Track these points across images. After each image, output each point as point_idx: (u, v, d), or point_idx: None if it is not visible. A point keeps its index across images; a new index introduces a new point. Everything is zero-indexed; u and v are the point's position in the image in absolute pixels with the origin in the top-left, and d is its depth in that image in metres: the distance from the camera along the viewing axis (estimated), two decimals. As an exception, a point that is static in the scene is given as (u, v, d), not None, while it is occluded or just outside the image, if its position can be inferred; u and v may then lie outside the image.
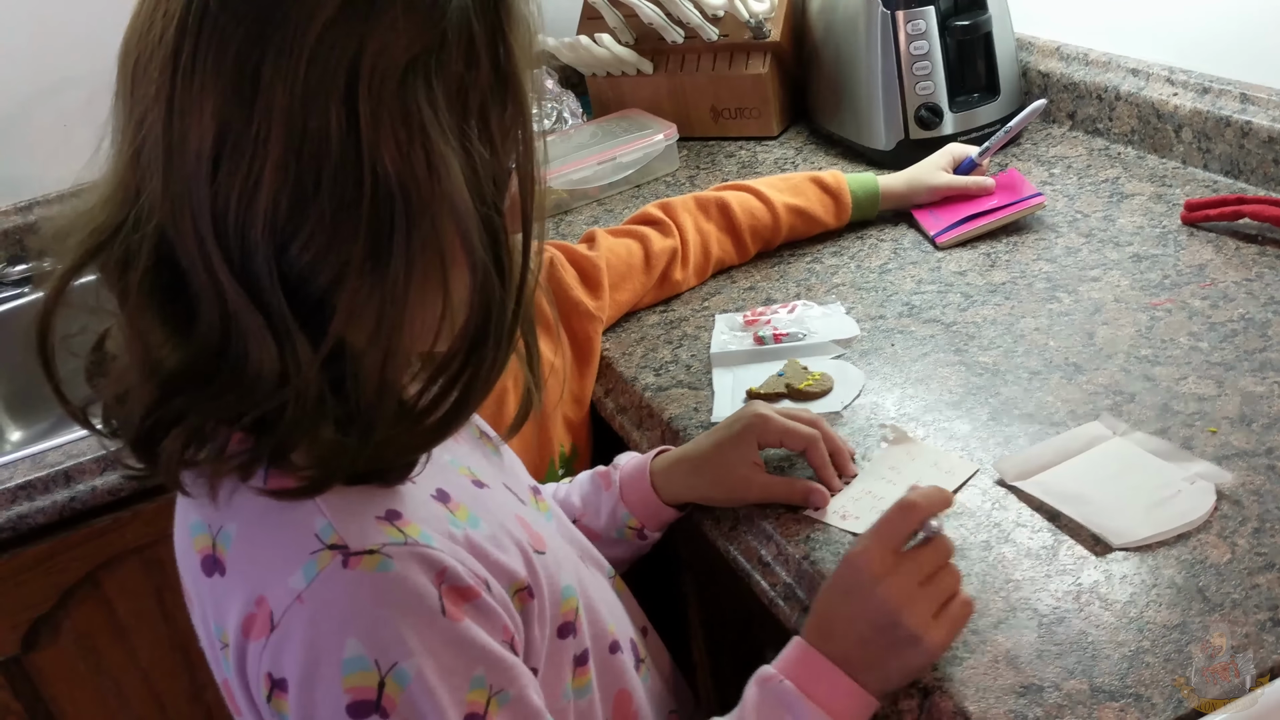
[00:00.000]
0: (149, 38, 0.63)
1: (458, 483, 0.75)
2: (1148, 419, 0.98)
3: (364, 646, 0.62)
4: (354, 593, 0.63)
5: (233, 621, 0.66)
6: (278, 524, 0.66)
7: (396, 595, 0.63)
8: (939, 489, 0.82)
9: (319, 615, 0.62)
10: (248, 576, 0.66)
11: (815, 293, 1.31)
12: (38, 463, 1.31)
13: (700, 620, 1.27)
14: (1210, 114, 1.35)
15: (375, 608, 0.62)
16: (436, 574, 0.64)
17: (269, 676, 0.64)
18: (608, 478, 1.03)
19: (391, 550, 0.64)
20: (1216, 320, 1.10)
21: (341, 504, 0.65)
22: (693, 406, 1.15)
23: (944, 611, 0.79)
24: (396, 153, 0.61)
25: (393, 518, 0.66)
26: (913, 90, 1.53)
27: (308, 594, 0.62)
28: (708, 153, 1.76)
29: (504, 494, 0.81)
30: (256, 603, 0.64)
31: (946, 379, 1.10)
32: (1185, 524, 0.86)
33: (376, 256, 0.62)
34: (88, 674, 1.39)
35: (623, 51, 1.77)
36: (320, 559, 0.63)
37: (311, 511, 0.65)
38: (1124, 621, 0.80)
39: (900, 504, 0.80)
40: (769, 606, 0.94)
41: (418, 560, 0.64)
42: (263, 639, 0.64)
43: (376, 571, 0.63)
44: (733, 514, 1.00)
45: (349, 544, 0.63)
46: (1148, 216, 1.31)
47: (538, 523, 0.81)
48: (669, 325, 1.31)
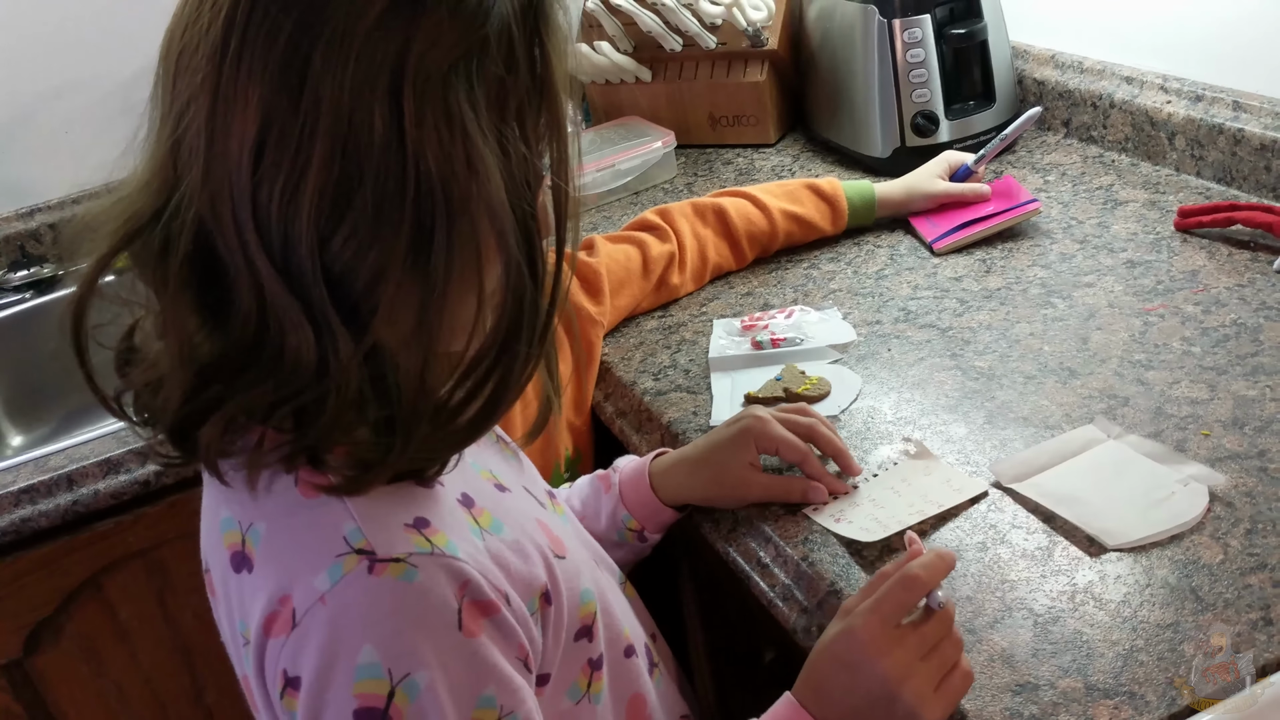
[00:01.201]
0: (195, 28, 0.63)
1: (481, 486, 0.76)
2: (1141, 422, 1.00)
3: (379, 654, 0.62)
4: (376, 599, 0.63)
5: (255, 618, 0.66)
6: (307, 524, 0.66)
7: (417, 606, 0.63)
8: (941, 556, 0.79)
9: (339, 618, 0.63)
10: (274, 575, 0.66)
11: (812, 298, 1.32)
12: (40, 466, 1.31)
13: (700, 624, 1.28)
14: (1203, 122, 1.36)
15: (395, 616, 0.63)
16: (460, 586, 0.65)
17: (284, 674, 0.64)
18: (607, 480, 1.04)
19: (417, 560, 0.64)
20: (1209, 325, 1.11)
21: (371, 508, 0.66)
22: (691, 410, 1.16)
23: (944, 684, 0.77)
24: (439, 150, 0.62)
25: (421, 525, 0.66)
26: (909, 98, 1.54)
27: (331, 596, 0.63)
28: (705, 160, 1.77)
29: (525, 497, 0.81)
30: (280, 601, 0.65)
31: (943, 383, 1.12)
32: (1179, 525, 0.87)
33: (418, 253, 0.63)
34: (89, 677, 1.39)
35: (621, 59, 1.78)
36: (346, 562, 0.64)
37: (341, 514, 0.65)
38: (1118, 621, 0.81)
39: (903, 578, 0.78)
40: (768, 608, 0.95)
41: (443, 571, 0.64)
42: (283, 636, 0.64)
43: (400, 580, 0.63)
44: (731, 516, 1.01)
45: (376, 550, 0.64)
46: (1141, 223, 1.32)
47: (557, 526, 0.81)
48: (667, 330, 1.32)
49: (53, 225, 1.81)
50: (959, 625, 0.83)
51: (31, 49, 1.75)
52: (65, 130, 1.77)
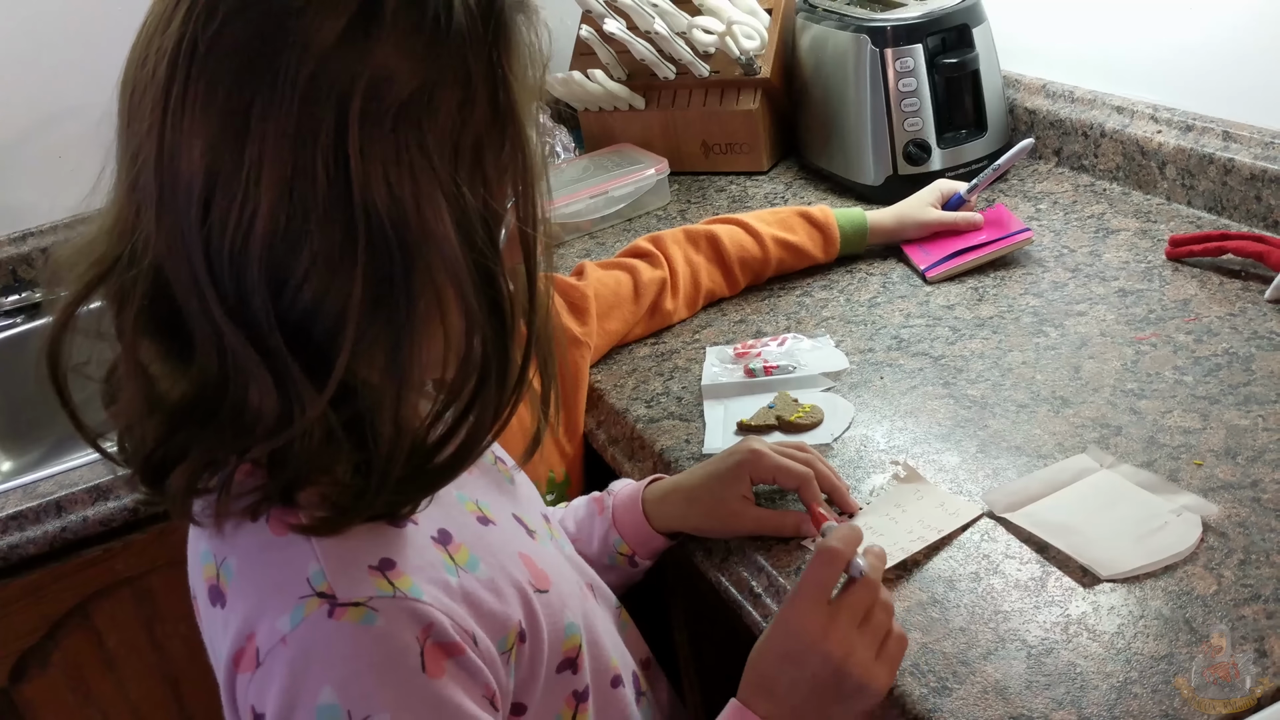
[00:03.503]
0: (143, 71, 0.63)
1: (463, 520, 0.75)
2: (1134, 451, 1.00)
3: (338, 696, 0.62)
4: (335, 643, 0.63)
5: (226, 653, 0.66)
6: (274, 562, 0.66)
7: (377, 650, 0.63)
8: (851, 526, 0.82)
9: (299, 660, 0.63)
10: (242, 611, 0.66)
11: (805, 326, 1.32)
12: (29, 493, 1.31)
13: (690, 650, 1.27)
14: (1193, 151, 1.37)
15: (354, 660, 0.63)
16: (422, 629, 0.65)
17: (252, 709, 0.65)
18: (601, 503, 1.04)
19: (378, 604, 0.64)
20: (1201, 354, 1.11)
21: (337, 549, 0.66)
22: (684, 438, 1.16)
23: (883, 651, 0.79)
24: (388, 194, 0.61)
25: (385, 567, 0.66)
26: (901, 126, 1.55)
27: (292, 638, 0.63)
28: (698, 187, 1.78)
29: (512, 528, 0.81)
30: (247, 638, 0.65)
31: (935, 411, 1.11)
32: (1172, 555, 0.87)
33: (378, 297, 0.62)
34: (76, 706, 1.38)
35: (615, 87, 1.79)
36: (308, 605, 0.64)
37: (306, 554, 0.65)
38: (1112, 653, 0.80)
39: (821, 552, 0.79)
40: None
41: (404, 614, 0.64)
42: (249, 673, 0.65)
43: (360, 624, 0.63)
44: (724, 545, 1.01)
45: (337, 594, 0.64)
46: (1133, 252, 1.33)
47: (543, 557, 0.81)
48: (660, 358, 1.32)
49: (45, 250, 1.81)
50: (952, 656, 0.83)
51: (26, 74, 1.75)
52: (58, 155, 1.77)
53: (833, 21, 1.61)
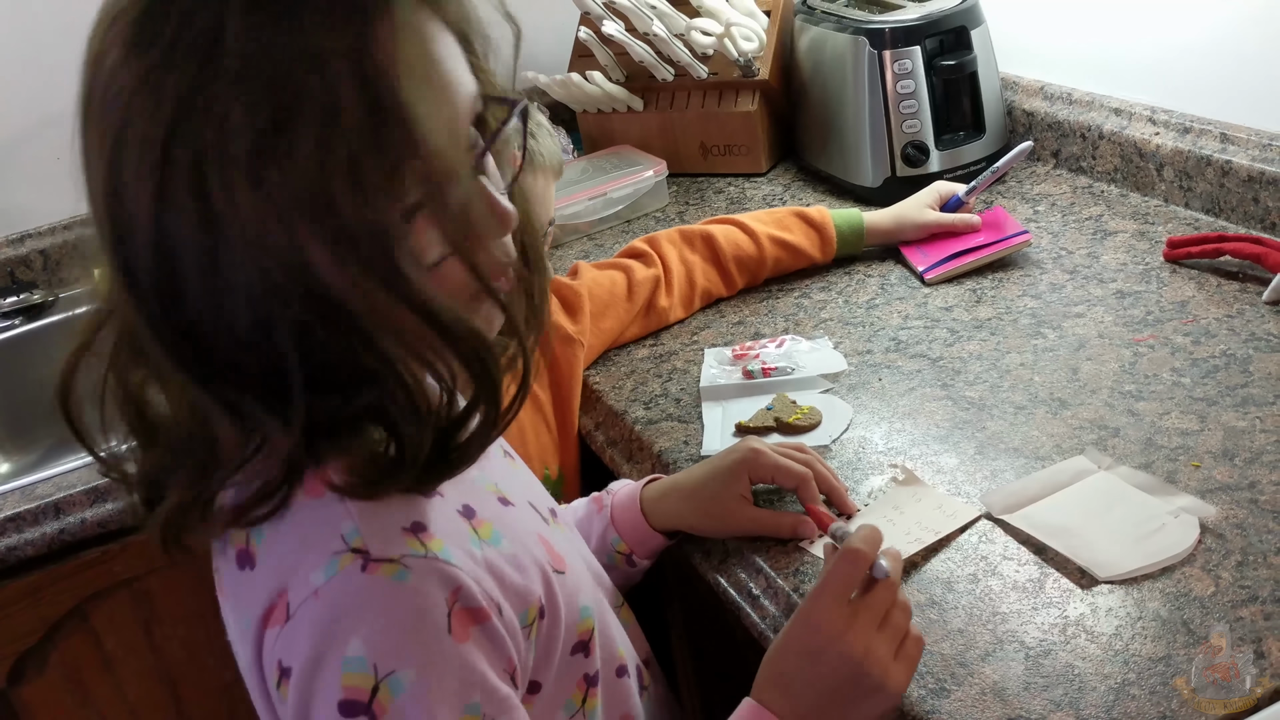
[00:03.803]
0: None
1: (484, 499, 0.76)
2: (1132, 453, 1.00)
3: (366, 648, 0.63)
4: (367, 597, 0.64)
5: (255, 613, 0.67)
6: (308, 521, 0.67)
7: (407, 606, 0.64)
8: (872, 527, 0.81)
9: (331, 612, 0.64)
10: (274, 570, 0.67)
11: (803, 328, 1.32)
12: (27, 494, 1.31)
13: (689, 651, 1.27)
14: (1191, 153, 1.37)
15: (384, 615, 0.64)
16: (451, 591, 0.65)
17: (279, 664, 0.65)
18: (600, 502, 1.04)
19: (410, 562, 0.65)
20: (1199, 356, 1.11)
21: (370, 511, 0.67)
22: (682, 440, 1.16)
23: (901, 651, 0.78)
24: (259, 245, 0.59)
25: (417, 530, 0.67)
26: (899, 128, 1.55)
27: (324, 590, 0.64)
28: (697, 189, 1.78)
29: (528, 512, 0.82)
30: (278, 594, 0.66)
31: (933, 413, 1.12)
32: (1170, 557, 0.87)
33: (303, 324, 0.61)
34: (74, 708, 1.38)
35: (613, 89, 1.79)
36: (342, 560, 0.65)
37: (340, 513, 0.66)
38: (1110, 654, 0.80)
39: (846, 552, 0.79)
40: (759, 639, 0.94)
41: (435, 575, 0.65)
42: (278, 628, 0.65)
43: (393, 580, 0.64)
44: (722, 546, 1.01)
45: (370, 550, 0.65)
46: (1131, 254, 1.33)
47: (559, 543, 0.81)
48: (658, 359, 1.32)
49: (43, 251, 1.81)
50: (950, 658, 0.83)
51: (24, 76, 1.75)
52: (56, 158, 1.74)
53: (831, 23, 1.61)
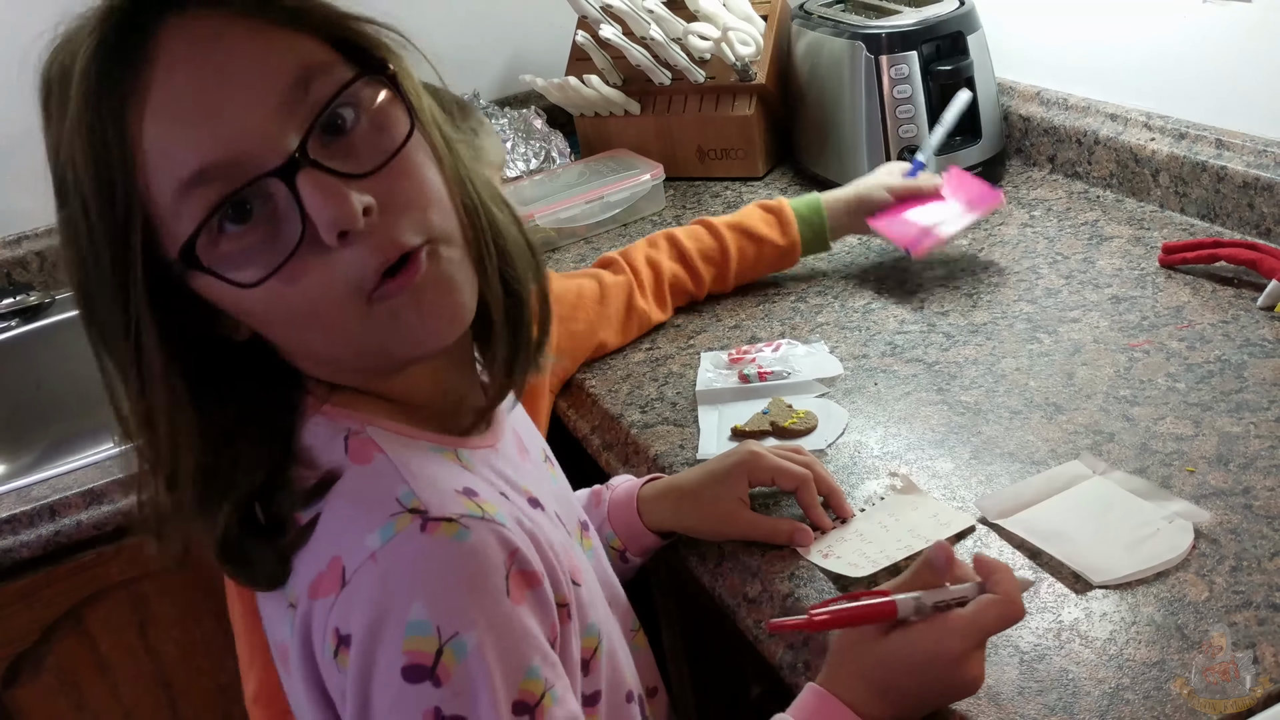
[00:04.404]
0: None
1: (517, 497, 0.76)
2: (1127, 458, 1.00)
3: (429, 611, 0.62)
4: (428, 556, 0.63)
5: (303, 582, 0.66)
6: (359, 489, 0.67)
7: (469, 566, 0.64)
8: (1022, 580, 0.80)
9: (389, 575, 0.63)
10: (324, 539, 0.66)
11: (799, 332, 1.32)
12: (23, 496, 1.30)
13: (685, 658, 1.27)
14: (1187, 159, 1.37)
15: (446, 575, 0.63)
16: (509, 553, 0.65)
17: (336, 632, 0.64)
18: (599, 496, 1.04)
19: (469, 522, 0.65)
20: (1194, 361, 1.12)
21: (423, 474, 0.67)
22: (679, 443, 1.16)
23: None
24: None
25: (470, 494, 0.67)
26: (895, 133, 1.55)
27: (381, 553, 0.63)
28: (694, 193, 1.78)
29: (556, 523, 0.81)
30: (330, 562, 0.65)
31: (929, 418, 1.12)
32: (1164, 562, 0.87)
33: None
34: (69, 710, 1.38)
35: (610, 93, 1.79)
36: (399, 521, 0.64)
37: (394, 479, 0.66)
38: (1104, 659, 0.81)
39: (1010, 611, 0.77)
40: (755, 644, 0.95)
41: (494, 535, 0.65)
42: (332, 595, 0.64)
43: (454, 539, 0.64)
44: (718, 550, 1.01)
45: (429, 509, 0.64)
46: (1126, 259, 1.33)
47: (578, 556, 0.81)
48: (654, 363, 1.32)
49: (39, 253, 1.81)
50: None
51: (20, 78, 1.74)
52: (53, 160, 1.77)
53: (828, 28, 1.62)
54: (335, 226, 0.62)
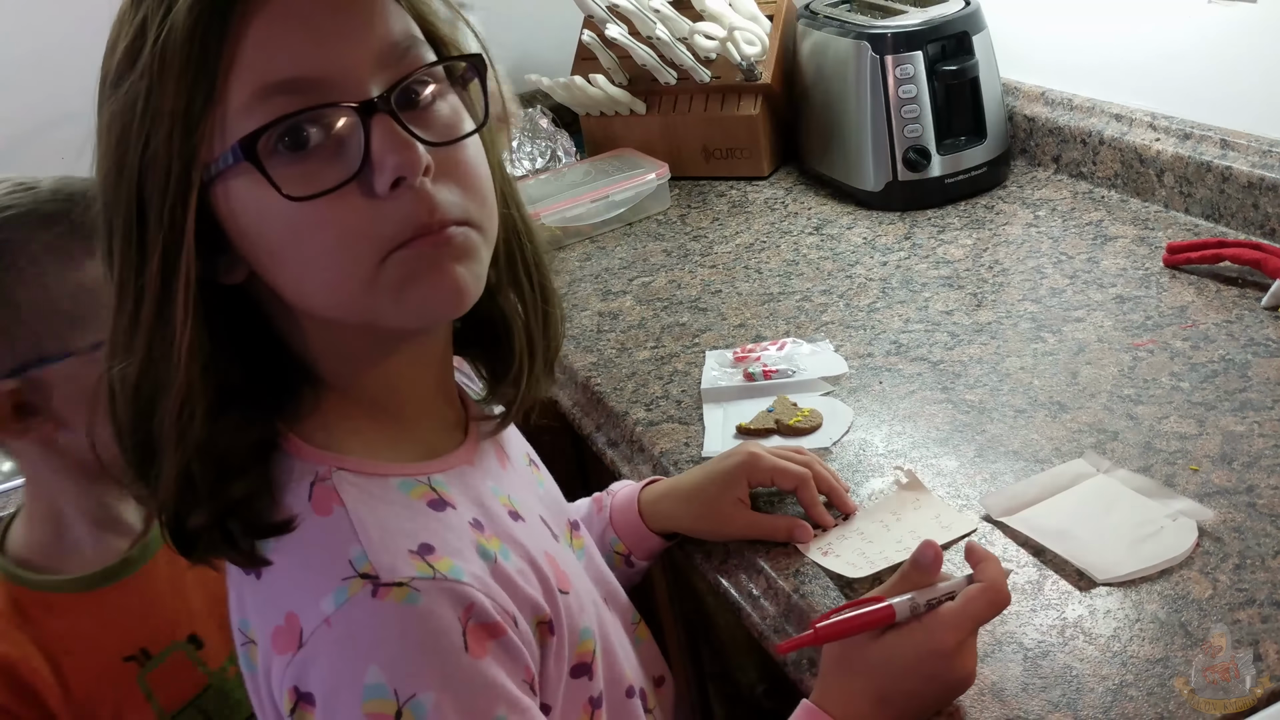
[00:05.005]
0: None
1: (495, 511, 0.76)
2: (1130, 457, 1.00)
3: (384, 675, 0.63)
4: (379, 623, 0.64)
5: (264, 629, 0.68)
6: (314, 544, 0.67)
7: (420, 629, 0.64)
8: (1000, 569, 0.81)
9: (344, 640, 0.64)
10: (281, 589, 0.68)
11: (804, 330, 1.32)
12: (31, 493, 1.31)
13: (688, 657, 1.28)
14: (1191, 159, 1.38)
15: (399, 639, 0.64)
16: (464, 610, 0.65)
17: (294, 690, 0.65)
18: (600, 502, 1.04)
19: (420, 584, 0.65)
20: (1198, 361, 1.12)
21: (378, 534, 0.67)
22: (684, 441, 1.17)
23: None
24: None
25: (425, 552, 0.67)
26: (901, 133, 1.55)
27: (336, 618, 0.64)
28: (699, 192, 1.78)
29: (539, 528, 0.81)
30: (287, 618, 0.66)
31: (933, 416, 1.12)
32: (1168, 560, 0.87)
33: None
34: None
35: (616, 92, 1.80)
36: (351, 586, 0.65)
37: (348, 537, 0.67)
38: (1108, 655, 0.81)
39: (997, 599, 0.79)
40: (760, 640, 0.95)
41: (446, 595, 0.65)
42: (289, 654, 0.65)
43: (404, 604, 0.64)
44: (723, 547, 1.01)
45: (380, 574, 0.65)
46: (1131, 259, 1.34)
47: (566, 561, 0.81)
48: (659, 361, 1.32)
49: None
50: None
51: (29, 78, 1.76)
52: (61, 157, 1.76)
53: (833, 28, 1.62)
54: (397, 172, 0.64)
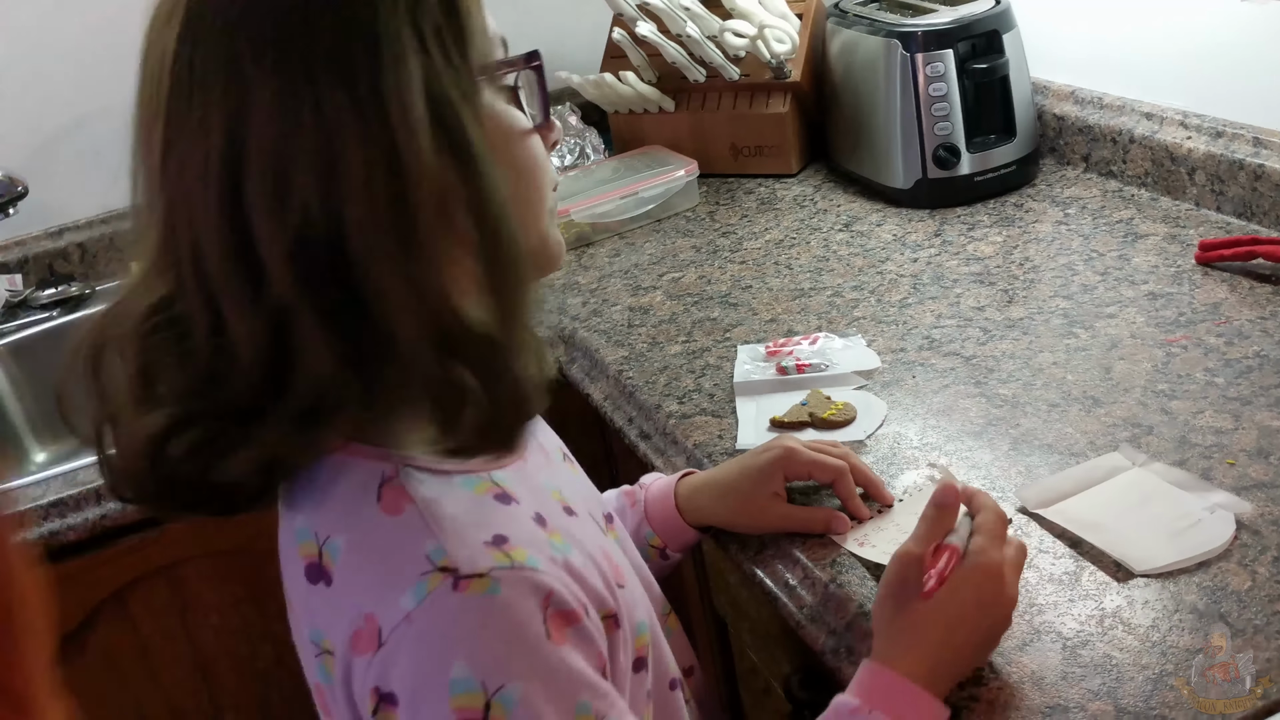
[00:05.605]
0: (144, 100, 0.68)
1: (551, 508, 0.76)
2: (1166, 451, 1.01)
3: (470, 668, 0.63)
4: (462, 616, 0.64)
5: (340, 634, 0.67)
6: (387, 543, 0.67)
7: (503, 619, 0.64)
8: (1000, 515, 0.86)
9: (427, 636, 0.64)
10: (357, 592, 0.67)
11: (836, 325, 1.33)
12: (69, 480, 1.33)
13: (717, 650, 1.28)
14: (1224, 157, 1.38)
15: (483, 631, 0.64)
16: (543, 598, 0.65)
17: (376, 691, 0.65)
18: (633, 496, 1.05)
19: (499, 574, 0.65)
20: (1232, 357, 1.12)
21: (452, 527, 0.67)
22: (717, 434, 1.17)
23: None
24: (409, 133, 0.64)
25: (500, 542, 0.67)
26: (931, 130, 1.56)
27: (417, 614, 0.64)
28: (727, 189, 1.79)
29: (590, 524, 0.81)
30: (365, 619, 0.65)
31: (967, 410, 1.13)
32: (1206, 552, 0.88)
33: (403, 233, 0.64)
34: (110, 692, 1.40)
35: (645, 89, 1.81)
36: (430, 580, 0.64)
37: (422, 533, 0.66)
38: (1147, 645, 0.81)
39: (1021, 548, 0.84)
40: (796, 630, 0.96)
41: (525, 585, 0.65)
42: (369, 654, 0.65)
43: (485, 595, 0.64)
44: (759, 538, 1.02)
45: (459, 567, 0.65)
46: (1162, 256, 1.34)
47: (617, 555, 0.82)
48: (691, 356, 1.33)
49: (81, 245, 1.84)
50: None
51: (63, 74, 1.77)
52: (95, 153, 1.80)
53: (863, 26, 1.63)
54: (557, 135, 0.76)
